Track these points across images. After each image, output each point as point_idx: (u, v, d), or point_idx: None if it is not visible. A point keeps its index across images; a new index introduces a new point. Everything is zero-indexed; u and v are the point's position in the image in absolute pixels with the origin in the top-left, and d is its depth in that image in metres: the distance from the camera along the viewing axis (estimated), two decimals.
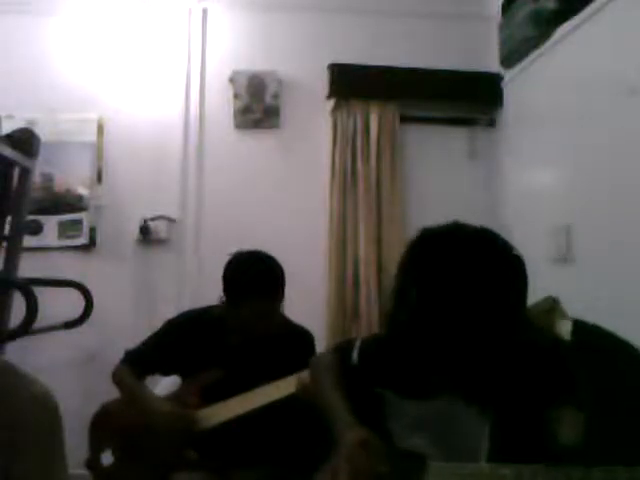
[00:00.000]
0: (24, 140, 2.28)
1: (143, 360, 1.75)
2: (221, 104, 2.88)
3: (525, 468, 0.78)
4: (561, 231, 2.21)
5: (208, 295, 1.66)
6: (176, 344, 1.74)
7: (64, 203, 2.79)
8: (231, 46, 2.93)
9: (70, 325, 2.40)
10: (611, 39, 1.97)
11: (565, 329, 0.88)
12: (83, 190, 2.81)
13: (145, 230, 2.76)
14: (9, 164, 2.23)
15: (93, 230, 2.79)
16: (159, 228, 2.78)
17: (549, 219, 2.34)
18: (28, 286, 1.94)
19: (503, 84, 2.81)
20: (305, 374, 1.56)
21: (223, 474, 1.66)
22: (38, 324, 1.97)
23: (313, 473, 1.04)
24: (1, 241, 2.28)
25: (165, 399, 1.72)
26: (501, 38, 2.68)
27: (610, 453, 0.76)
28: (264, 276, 1.60)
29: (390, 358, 1.06)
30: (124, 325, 2.62)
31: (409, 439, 1.00)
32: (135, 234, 2.78)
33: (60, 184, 2.80)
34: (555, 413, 0.81)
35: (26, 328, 1.91)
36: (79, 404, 1.87)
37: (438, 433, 0.95)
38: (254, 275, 1.59)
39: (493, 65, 2.80)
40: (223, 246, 2.74)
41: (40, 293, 1.94)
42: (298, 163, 2.90)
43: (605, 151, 1.99)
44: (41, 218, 2.76)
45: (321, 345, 1.72)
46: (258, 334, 1.65)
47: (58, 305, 2.37)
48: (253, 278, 1.58)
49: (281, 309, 1.72)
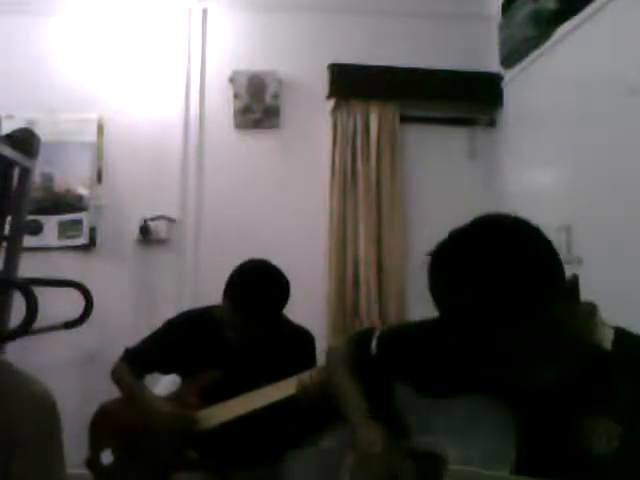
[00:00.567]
0: (24, 140, 2.27)
1: (142, 359, 1.75)
2: (221, 104, 2.88)
3: None
4: (561, 231, 2.21)
5: (208, 295, 1.66)
6: (176, 344, 1.73)
7: (64, 203, 2.79)
8: (231, 46, 2.93)
9: (70, 325, 2.40)
10: (611, 39, 1.97)
11: (607, 337, 0.84)
12: (83, 190, 2.81)
13: (145, 230, 2.76)
14: (9, 164, 2.23)
15: (93, 230, 2.79)
16: (159, 228, 2.78)
17: (549, 219, 2.31)
18: (28, 286, 1.93)
19: (503, 84, 2.81)
20: (306, 375, 1.56)
21: (223, 474, 1.66)
22: (38, 324, 1.96)
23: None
24: (1, 241, 2.28)
25: (165, 399, 1.72)
26: (501, 38, 2.68)
27: None
28: (270, 299, 1.57)
29: (413, 350, 1.03)
30: (124, 325, 2.62)
31: (427, 438, 0.96)
32: (135, 234, 2.78)
33: (60, 184, 2.80)
34: (589, 422, 0.78)
35: (26, 328, 1.91)
36: (79, 404, 1.87)
37: (457, 433, 0.91)
38: (260, 298, 1.56)
39: (493, 65, 2.80)
40: (223, 246, 2.79)
41: (40, 293, 1.94)
42: (298, 163, 2.90)
43: (605, 151, 1.99)
44: (41, 218, 2.76)
45: (321, 345, 1.72)
46: (258, 340, 1.65)
47: (58, 305, 2.36)
48: (259, 301, 1.55)
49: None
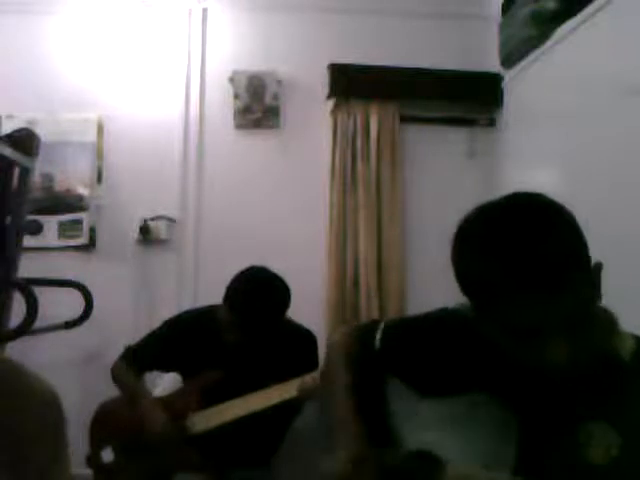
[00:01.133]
0: (24, 140, 2.27)
1: (142, 357, 1.76)
2: (221, 104, 2.88)
3: None
4: None
5: (208, 295, 1.66)
6: (176, 343, 1.74)
7: (64, 203, 2.79)
8: (231, 46, 2.93)
9: (70, 325, 2.40)
10: (611, 39, 1.97)
11: (626, 348, 0.80)
12: (83, 190, 2.81)
13: (145, 230, 2.76)
14: (9, 164, 2.23)
15: (93, 230, 2.79)
16: (159, 228, 2.78)
17: None
18: (28, 286, 1.94)
19: (503, 84, 2.81)
20: (308, 378, 1.56)
21: (223, 475, 1.66)
22: (38, 324, 1.97)
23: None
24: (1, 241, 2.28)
25: (162, 401, 1.72)
26: (501, 38, 2.67)
27: None
28: (270, 309, 1.59)
29: (417, 347, 1.01)
30: (124, 325, 2.61)
31: (424, 437, 0.95)
32: (135, 234, 2.78)
33: (60, 184, 2.80)
34: (589, 429, 0.77)
35: (26, 328, 1.91)
36: (79, 404, 1.86)
37: (457, 433, 0.90)
38: (260, 309, 1.57)
39: (493, 65, 2.79)
40: (223, 246, 2.79)
41: (40, 293, 1.94)
42: (298, 163, 2.90)
43: (605, 151, 1.99)
44: (41, 218, 2.76)
45: (321, 345, 1.71)
46: (259, 340, 1.65)
47: (58, 305, 2.36)
48: (259, 312, 1.57)
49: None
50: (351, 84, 2.81)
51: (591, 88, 2.07)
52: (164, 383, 1.93)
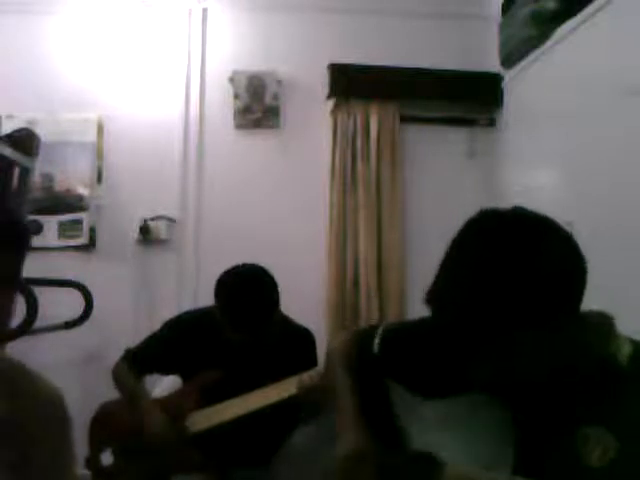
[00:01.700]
0: (24, 140, 2.28)
1: (142, 359, 1.75)
2: (221, 104, 2.88)
3: None
4: None
5: (208, 295, 1.66)
6: (176, 344, 1.74)
7: (64, 203, 2.79)
8: (231, 46, 2.93)
9: (70, 325, 2.40)
10: (611, 39, 1.97)
11: (623, 352, 0.79)
12: (83, 190, 2.81)
13: (145, 230, 2.76)
14: (9, 164, 2.23)
15: (93, 230, 2.79)
16: (159, 228, 2.78)
17: None
18: (28, 286, 1.93)
19: (503, 84, 2.81)
20: (306, 375, 1.56)
21: (224, 474, 1.66)
22: (38, 324, 1.97)
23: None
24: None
25: (161, 402, 1.72)
26: (501, 38, 2.68)
27: None
28: (256, 306, 1.56)
29: (414, 351, 1.01)
30: (124, 325, 2.61)
31: (425, 438, 0.95)
32: (135, 234, 2.77)
33: (60, 184, 2.80)
34: (586, 432, 0.77)
35: (26, 328, 1.91)
36: (79, 404, 1.85)
37: (456, 433, 0.90)
38: (246, 308, 1.56)
39: (493, 65, 2.80)
40: (223, 246, 2.78)
41: (40, 293, 1.94)
42: (298, 163, 2.90)
43: (605, 151, 1.99)
44: (41, 218, 2.76)
45: (321, 345, 1.71)
46: (257, 339, 1.65)
47: (58, 305, 2.37)
48: (245, 310, 1.56)
49: (279, 311, 1.70)
50: (351, 84, 2.81)
51: (591, 88, 2.07)
52: (163, 385, 1.93)
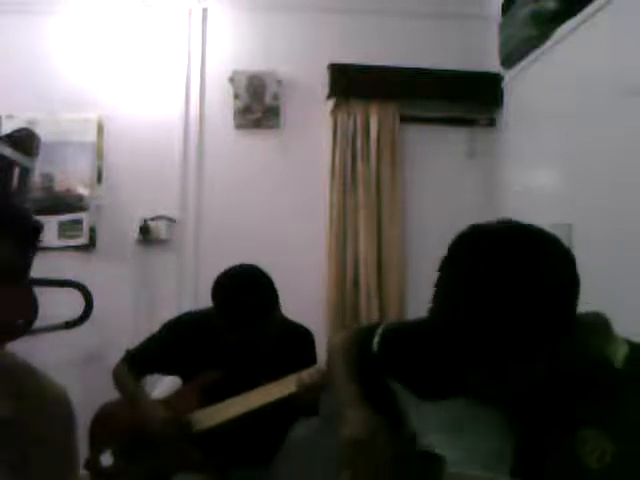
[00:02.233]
0: (24, 140, 2.28)
1: (143, 360, 1.76)
2: (221, 104, 2.88)
3: None
4: (561, 231, 2.20)
5: (208, 295, 1.66)
6: (176, 345, 1.74)
7: (64, 203, 2.79)
8: (231, 46, 2.93)
9: (70, 325, 2.40)
10: (611, 39, 1.97)
11: (619, 354, 0.79)
12: (83, 190, 2.81)
13: (145, 230, 2.76)
14: (9, 164, 2.24)
15: (93, 230, 2.79)
16: (159, 228, 2.78)
17: (549, 219, 2.31)
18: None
19: (503, 84, 2.81)
20: (305, 373, 1.56)
21: (224, 474, 1.66)
22: (38, 324, 1.97)
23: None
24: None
25: (162, 402, 1.72)
26: (501, 38, 2.68)
27: None
28: (251, 308, 1.56)
29: (413, 351, 1.01)
30: (124, 325, 2.62)
31: (425, 438, 0.95)
32: (135, 234, 2.77)
33: (60, 184, 2.80)
34: (582, 435, 0.76)
35: (26, 328, 1.91)
36: (79, 404, 1.86)
37: (456, 434, 0.90)
38: (241, 308, 1.55)
39: (493, 65, 2.80)
40: (223, 246, 2.79)
41: (40, 293, 1.94)
42: (298, 163, 2.90)
43: (605, 151, 1.99)
44: (41, 218, 2.75)
45: (321, 345, 1.71)
46: (256, 339, 1.65)
47: (58, 305, 2.36)
48: (241, 311, 1.55)
49: (278, 311, 1.70)
50: (351, 84, 2.81)
51: (591, 88, 2.07)
52: (163, 385, 1.93)
